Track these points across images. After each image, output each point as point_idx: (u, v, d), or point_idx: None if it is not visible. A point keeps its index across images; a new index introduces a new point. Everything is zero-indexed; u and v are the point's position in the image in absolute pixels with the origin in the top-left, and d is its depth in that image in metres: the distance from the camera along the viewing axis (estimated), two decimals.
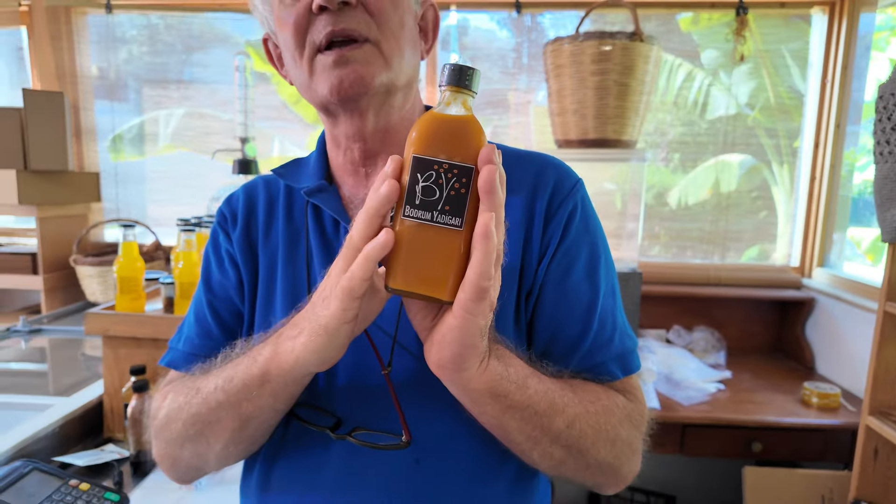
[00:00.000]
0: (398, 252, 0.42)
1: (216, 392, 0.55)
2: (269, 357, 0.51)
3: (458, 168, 0.41)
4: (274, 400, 0.53)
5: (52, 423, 1.11)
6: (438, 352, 0.45)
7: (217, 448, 0.58)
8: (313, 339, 0.47)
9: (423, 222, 0.41)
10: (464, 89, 0.42)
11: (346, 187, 0.65)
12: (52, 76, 2.25)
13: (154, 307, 1.24)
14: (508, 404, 0.49)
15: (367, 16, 0.55)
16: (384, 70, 0.56)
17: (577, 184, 0.62)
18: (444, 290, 0.42)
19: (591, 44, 1.61)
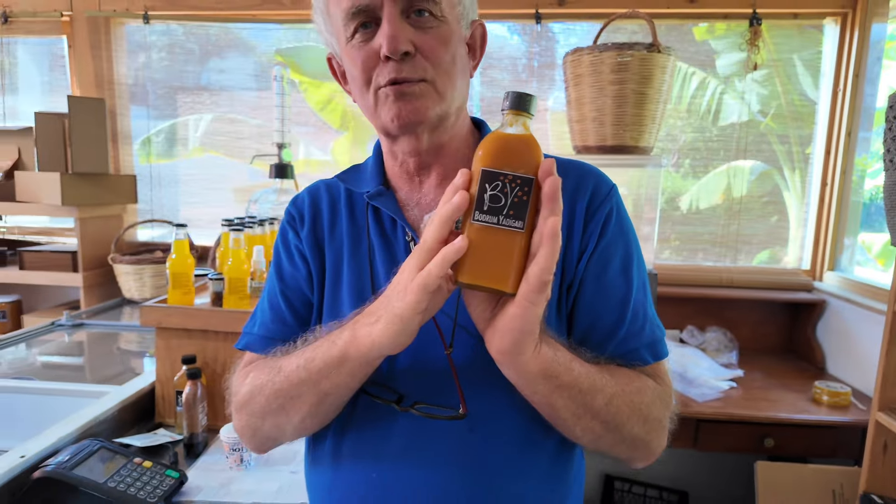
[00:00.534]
0: (468, 251, 0.50)
1: (298, 371, 0.63)
2: (348, 341, 0.59)
3: (520, 179, 0.49)
4: (350, 378, 0.61)
5: (110, 407, 1.20)
6: (500, 339, 0.52)
7: (296, 420, 0.66)
8: (389, 326, 0.54)
9: (490, 225, 0.49)
10: (523, 112, 0.50)
11: (402, 192, 0.74)
12: (90, 83, 2.36)
13: (201, 301, 1.33)
14: (557, 384, 0.57)
15: (425, 61, 0.63)
16: (438, 103, 0.65)
17: (612, 189, 0.70)
18: (508, 283, 0.50)
19: (610, 54, 1.68)
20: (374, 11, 0.62)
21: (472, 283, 0.50)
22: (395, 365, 0.66)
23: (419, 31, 0.63)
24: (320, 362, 0.61)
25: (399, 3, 0.62)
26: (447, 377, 0.63)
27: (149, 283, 2.14)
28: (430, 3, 0.63)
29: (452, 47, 0.65)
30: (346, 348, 0.59)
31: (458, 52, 0.66)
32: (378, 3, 0.62)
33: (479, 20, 0.73)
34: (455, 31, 0.66)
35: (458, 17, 0.67)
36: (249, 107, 2.44)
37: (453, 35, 0.65)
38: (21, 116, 2.50)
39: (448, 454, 0.63)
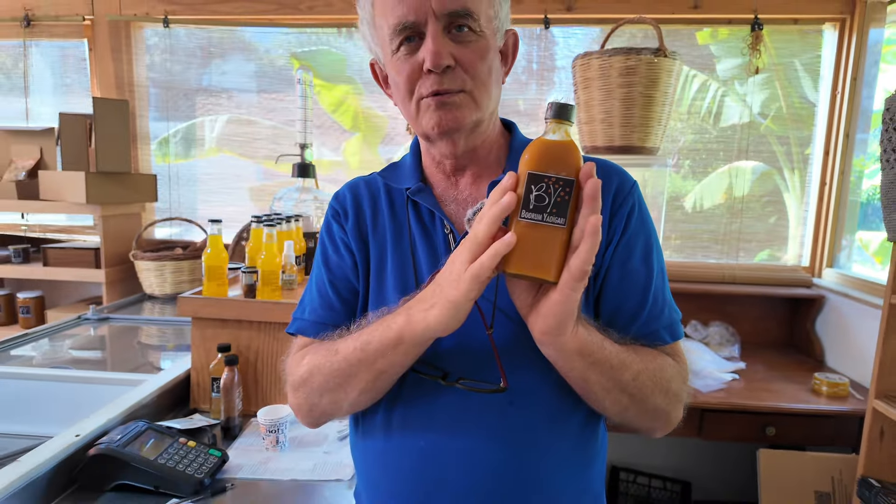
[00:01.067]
0: (515, 245, 0.56)
1: (356, 352, 0.70)
2: (403, 325, 0.65)
3: (562, 181, 0.55)
4: (404, 357, 0.68)
5: (151, 392, 1.26)
6: (544, 321, 0.59)
7: (353, 396, 0.73)
8: (444, 311, 0.61)
9: (536, 222, 0.56)
10: (564, 121, 0.57)
11: (439, 188, 0.81)
12: (110, 85, 2.43)
13: (233, 293, 1.39)
14: (592, 361, 0.64)
15: (464, 73, 0.70)
16: (475, 112, 0.72)
17: (634, 185, 0.77)
18: (551, 273, 0.56)
19: (618, 59, 1.76)
20: (419, 27, 0.69)
21: (520, 272, 0.57)
22: (441, 344, 0.73)
23: (459, 45, 0.69)
24: (377, 344, 0.67)
25: (442, 20, 0.68)
26: (488, 355, 0.69)
27: (169, 279, 2.21)
28: (470, 20, 0.69)
29: (489, 60, 0.72)
30: (402, 331, 0.65)
31: (493, 63, 0.73)
32: (423, 20, 0.68)
33: (512, 29, 0.80)
34: (491, 45, 0.72)
35: (495, 30, 0.73)
36: (264, 108, 2.51)
37: (490, 48, 0.72)
38: (42, 117, 2.56)
39: (490, 425, 0.70)
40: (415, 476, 0.71)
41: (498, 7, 0.73)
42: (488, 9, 0.71)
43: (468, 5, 0.69)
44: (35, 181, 2.28)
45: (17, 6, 2.43)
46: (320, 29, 2.42)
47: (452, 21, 0.69)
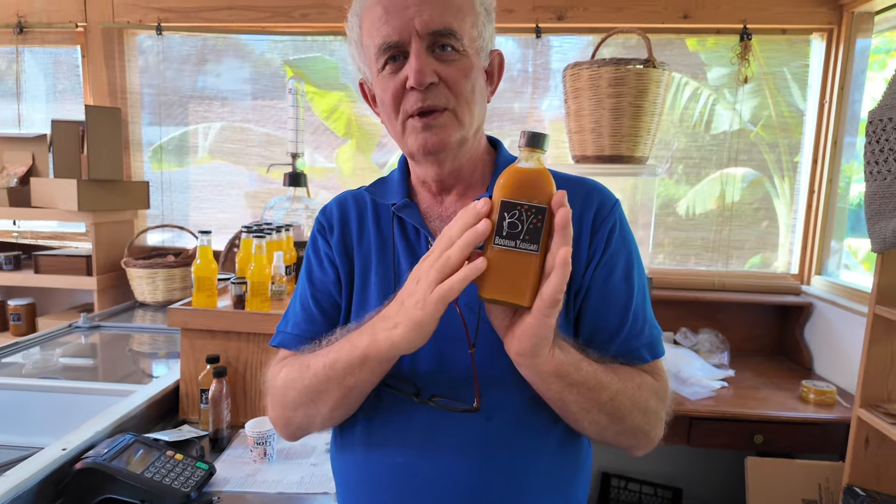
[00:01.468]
0: (489, 270, 0.57)
1: (325, 369, 0.71)
2: (368, 344, 0.66)
3: (535, 208, 0.56)
4: (371, 375, 0.69)
5: (139, 404, 1.27)
6: (519, 344, 0.60)
7: (324, 411, 0.74)
8: (409, 331, 0.61)
9: (509, 248, 0.57)
10: (537, 149, 0.58)
11: (424, 204, 0.82)
12: (103, 92, 2.43)
13: (223, 304, 1.40)
14: (568, 382, 0.64)
15: (447, 90, 0.71)
16: (459, 130, 0.73)
17: (615, 204, 0.78)
18: (525, 298, 0.57)
19: (607, 69, 1.77)
20: (403, 47, 0.70)
21: (494, 297, 0.58)
22: (422, 358, 0.73)
23: (443, 63, 0.71)
24: (344, 363, 0.68)
25: (425, 39, 0.70)
26: (469, 371, 0.70)
27: (161, 286, 2.21)
28: (453, 39, 0.71)
29: (473, 78, 0.73)
30: (367, 351, 0.66)
31: (477, 81, 0.74)
32: (406, 39, 0.70)
33: (497, 49, 0.81)
34: (475, 64, 0.74)
35: (479, 49, 0.75)
36: (257, 115, 2.52)
37: (474, 67, 0.73)
38: (34, 124, 2.56)
39: (466, 442, 0.71)
40: (392, 492, 0.72)
41: (482, 27, 0.75)
42: (471, 29, 0.73)
43: (451, 25, 0.70)
44: (27, 188, 2.28)
45: (10, 13, 2.43)
46: (314, 36, 2.43)
47: (436, 40, 0.70)
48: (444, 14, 0.70)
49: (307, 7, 2.29)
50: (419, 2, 0.69)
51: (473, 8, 0.73)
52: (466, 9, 0.72)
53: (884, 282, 1.47)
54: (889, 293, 1.47)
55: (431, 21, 0.69)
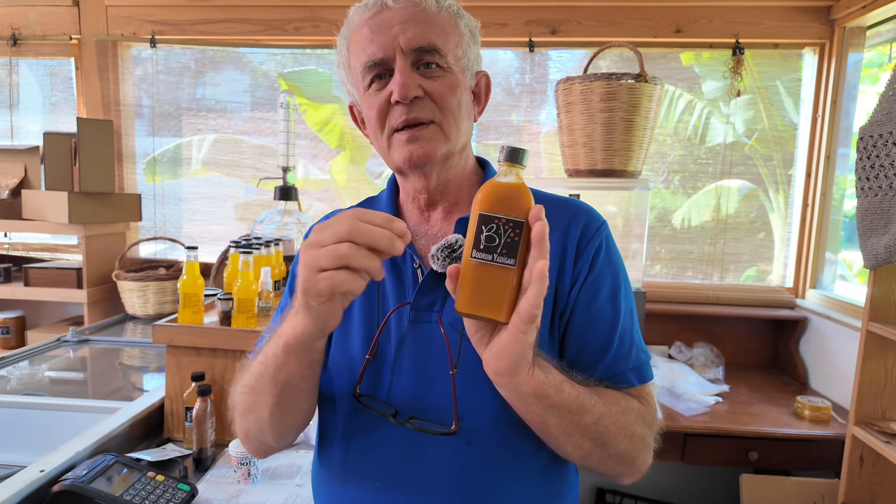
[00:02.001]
0: (466, 284, 0.56)
1: (258, 366, 0.70)
2: (286, 331, 0.65)
3: (512, 222, 0.56)
4: (299, 366, 0.67)
5: (122, 423, 1.25)
6: (496, 362, 0.59)
7: (265, 414, 0.72)
8: (302, 315, 0.61)
9: (486, 262, 0.56)
10: (516, 164, 0.57)
11: (412, 223, 0.81)
12: (97, 104, 2.43)
13: (210, 320, 1.38)
14: (549, 404, 0.63)
15: (432, 103, 0.71)
16: (445, 143, 0.73)
17: (602, 225, 0.77)
18: (501, 313, 0.56)
19: (599, 84, 1.77)
20: (388, 64, 0.71)
21: (469, 312, 0.57)
22: (404, 377, 0.72)
23: (428, 79, 0.72)
24: (271, 354, 0.68)
25: (409, 56, 0.71)
26: (450, 392, 0.69)
27: (152, 299, 2.19)
28: (437, 56, 0.72)
29: (458, 94, 0.73)
30: (286, 338, 0.65)
31: (463, 98, 0.75)
32: (391, 56, 0.71)
33: (484, 71, 0.81)
34: (460, 81, 0.74)
35: (464, 68, 0.75)
36: (251, 127, 2.52)
37: (459, 84, 0.74)
38: (27, 135, 2.56)
39: (444, 468, 0.69)
40: None
41: (466, 48, 0.76)
42: (456, 48, 0.74)
43: (434, 42, 0.71)
44: (18, 200, 2.27)
45: (4, 25, 2.43)
46: (307, 49, 2.43)
47: (420, 57, 0.71)
48: (428, 32, 0.71)
49: (301, 20, 2.30)
50: (403, 21, 0.71)
51: (457, 29, 0.75)
52: (450, 29, 0.74)
53: (876, 298, 1.46)
54: (882, 309, 1.46)
55: (415, 38, 0.70)
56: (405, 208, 0.82)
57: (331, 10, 2.28)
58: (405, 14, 0.71)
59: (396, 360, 0.73)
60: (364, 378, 0.73)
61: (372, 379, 0.73)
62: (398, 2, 0.72)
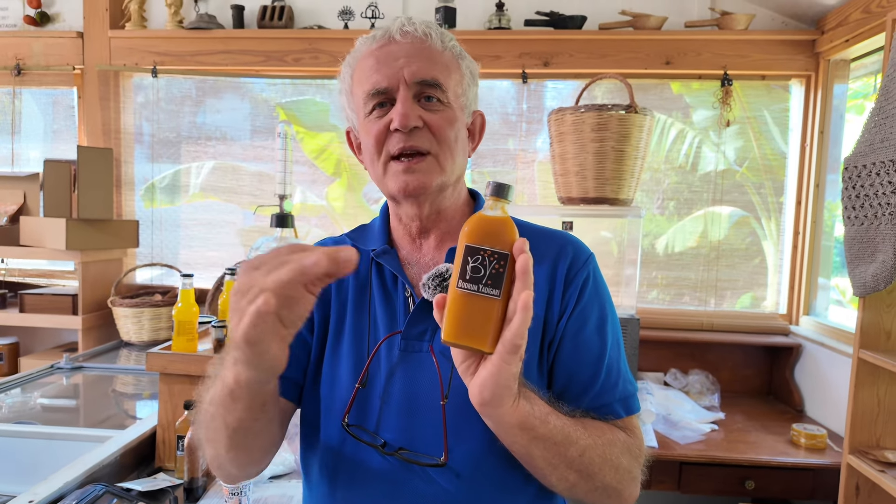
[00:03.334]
0: (452, 313, 0.58)
1: (208, 406, 0.68)
2: (228, 374, 0.61)
3: (497, 254, 0.57)
4: (249, 411, 0.63)
5: (113, 452, 1.24)
6: (481, 392, 0.59)
7: (223, 451, 0.70)
8: (240, 356, 0.56)
9: (472, 292, 0.57)
10: (501, 199, 0.59)
11: (404, 251, 0.82)
12: (97, 132, 2.47)
13: (204, 347, 1.39)
14: (534, 436, 0.63)
15: (430, 135, 0.74)
16: (440, 175, 0.75)
17: (589, 257, 0.79)
18: (486, 343, 0.57)
19: (590, 115, 1.81)
20: (391, 93, 0.74)
21: (454, 341, 0.58)
22: (394, 406, 0.73)
23: (428, 112, 0.74)
24: (218, 399, 0.65)
25: (412, 88, 0.73)
26: (440, 424, 0.69)
27: (147, 325, 2.19)
28: (439, 91, 0.75)
29: (455, 128, 0.76)
30: (230, 382, 0.61)
31: (459, 133, 0.77)
32: (395, 86, 0.73)
33: (480, 111, 0.85)
34: (458, 117, 0.77)
35: (462, 105, 0.79)
36: (250, 154, 2.55)
37: (457, 119, 0.77)
38: (27, 163, 2.59)
39: (434, 498, 0.69)
40: None
41: (466, 87, 0.79)
42: (456, 86, 0.77)
43: (437, 77, 0.74)
44: (16, 227, 2.28)
45: (9, 55, 2.48)
46: (306, 80, 2.48)
47: (422, 90, 0.74)
48: (432, 68, 0.74)
49: (300, 52, 2.36)
50: (409, 55, 0.74)
51: (459, 69, 0.78)
52: (453, 67, 0.77)
53: (866, 325, 1.47)
54: (872, 336, 1.47)
55: (420, 71, 0.73)
56: (397, 235, 0.83)
57: (330, 42, 2.34)
58: (411, 48, 0.74)
59: (386, 389, 0.73)
60: (353, 407, 0.73)
61: (361, 409, 0.73)
62: (406, 36, 0.75)
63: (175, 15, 2.39)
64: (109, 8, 2.41)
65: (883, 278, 1.35)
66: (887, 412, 1.48)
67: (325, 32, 2.35)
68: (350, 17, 2.37)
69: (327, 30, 2.36)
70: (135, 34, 2.40)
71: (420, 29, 0.75)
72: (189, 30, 2.37)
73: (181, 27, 2.39)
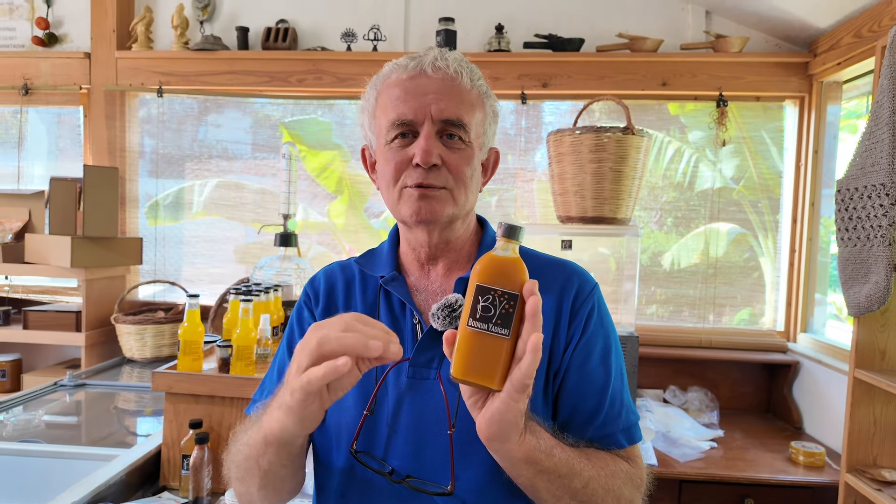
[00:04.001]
0: (461, 350, 0.60)
1: (244, 447, 0.73)
2: (265, 426, 0.67)
3: (507, 294, 0.59)
4: (277, 458, 0.69)
5: (119, 472, 1.25)
6: (488, 427, 0.61)
7: (254, 490, 0.75)
8: (287, 416, 0.63)
9: (482, 331, 0.59)
10: (512, 240, 0.62)
11: (412, 277, 0.84)
12: (103, 150, 2.50)
13: (208, 366, 1.41)
14: (539, 469, 0.65)
15: (448, 173, 0.76)
16: (452, 207, 0.77)
17: (594, 288, 0.81)
18: (495, 381, 0.59)
19: (588, 136, 1.85)
20: (415, 126, 0.76)
21: (464, 378, 0.60)
22: (398, 436, 0.74)
23: (448, 150, 0.76)
24: (254, 442, 0.70)
25: (437, 125, 0.75)
26: (448, 452, 0.71)
27: (150, 342, 2.21)
28: (462, 130, 0.77)
29: (472, 167, 0.79)
30: (265, 433, 0.67)
31: (475, 171, 0.80)
32: (420, 121, 0.75)
33: (495, 148, 0.87)
34: (476, 155, 0.80)
35: (482, 144, 0.81)
36: (254, 170, 2.59)
37: (474, 157, 0.79)
38: (31, 180, 2.62)
39: None
40: None
41: (487, 126, 0.82)
42: (479, 125, 0.79)
43: (462, 117, 0.76)
44: (21, 244, 2.31)
45: (17, 75, 2.52)
46: (309, 100, 2.52)
47: (445, 128, 0.76)
48: (459, 108, 0.76)
49: (304, 73, 2.40)
50: (438, 91, 0.76)
51: (484, 107, 0.80)
52: (478, 106, 0.79)
53: (861, 345, 1.50)
54: (867, 356, 1.50)
55: (447, 110, 0.75)
56: (406, 261, 0.85)
57: (333, 63, 2.39)
58: (441, 85, 0.76)
59: (394, 416, 0.75)
60: (361, 434, 0.75)
61: (368, 436, 0.75)
62: (437, 72, 0.76)
63: (181, 36, 2.44)
64: (117, 29, 2.46)
65: (877, 299, 1.37)
66: (883, 431, 1.50)
67: (328, 54, 2.39)
68: (353, 40, 2.42)
69: (330, 51, 2.41)
70: (141, 55, 2.45)
71: (452, 66, 0.76)
72: (194, 51, 2.42)
73: (187, 48, 2.44)
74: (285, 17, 2.46)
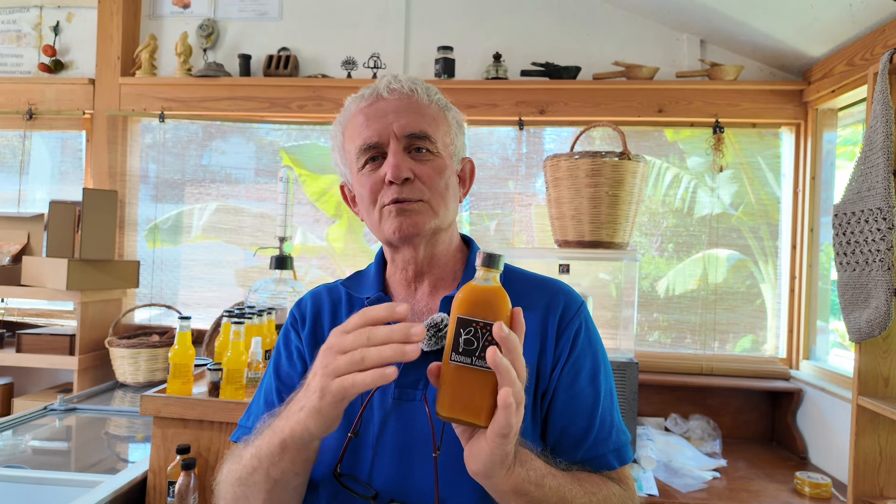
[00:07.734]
0: (446, 386, 0.58)
1: (252, 459, 0.70)
2: (283, 428, 0.66)
3: (490, 326, 0.57)
4: (293, 465, 0.67)
5: (103, 498, 1.22)
6: (474, 462, 0.60)
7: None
8: (309, 416, 0.62)
9: (465, 365, 0.57)
10: (493, 269, 0.60)
11: (398, 297, 0.84)
12: (104, 174, 2.52)
13: (198, 390, 1.38)
14: (529, 500, 0.63)
15: (422, 185, 0.77)
16: (433, 219, 0.77)
17: (581, 305, 0.80)
18: (481, 418, 0.57)
19: (585, 161, 1.86)
20: (382, 147, 0.77)
21: (451, 416, 0.58)
22: (382, 459, 0.72)
23: (418, 163, 0.77)
24: (266, 450, 0.68)
25: (402, 141, 0.77)
26: (432, 474, 0.69)
27: (143, 366, 2.18)
28: (427, 142, 0.78)
29: (445, 176, 0.79)
30: (283, 436, 0.65)
31: (450, 180, 0.80)
32: (385, 141, 0.77)
33: (469, 158, 0.88)
34: (448, 165, 0.80)
35: (451, 154, 0.82)
36: (253, 195, 2.60)
37: (446, 167, 0.80)
38: (33, 203, 2.63)
39: None
40: None
41: (453, 136, 0.83)
42: (444, 136, 0.81)
43: (425, 129, 0.78)
44: (18, 266, 2.31)
45: (22, 100, 2.56)
46: (309, 126, 2.55)
47: (412, 143, 0.77)
48: (420, 121, 0.78)
49: (304, 99, 2.43)
50: (397, 110, 0.77)
51: (446, 119, 0.82)
52: (439, 119, 0.81)
53: (863, 371, 1.47)
54: (870, 383, 1.47)
55: (408, 125, 0.77)
56: (392, 282, 0.85)
57: (333, 90, 2.42)
58: (399, 104, 0.78)
59: (379, 438, 0.73)
60: (345, 457, 0.73)
61: (353, 457, 0.73)
62: (393, 93, 0.78)
63: (184, 63, 2.48)
64: (121, 56, 2.51)
65: (878, 324, 1.35)
66: (889, 461, 1.46)
67: (328, 81, 2.43)
68: (353, 67, 2.46)
69: (331, 78, 2.45)
70: (144, 81, 2.49)
71: (406, 85, 0.79)
72: (196, 77, 2.45)
73: (189, 75, 2.48)
74: (287, 45, 2.51)
